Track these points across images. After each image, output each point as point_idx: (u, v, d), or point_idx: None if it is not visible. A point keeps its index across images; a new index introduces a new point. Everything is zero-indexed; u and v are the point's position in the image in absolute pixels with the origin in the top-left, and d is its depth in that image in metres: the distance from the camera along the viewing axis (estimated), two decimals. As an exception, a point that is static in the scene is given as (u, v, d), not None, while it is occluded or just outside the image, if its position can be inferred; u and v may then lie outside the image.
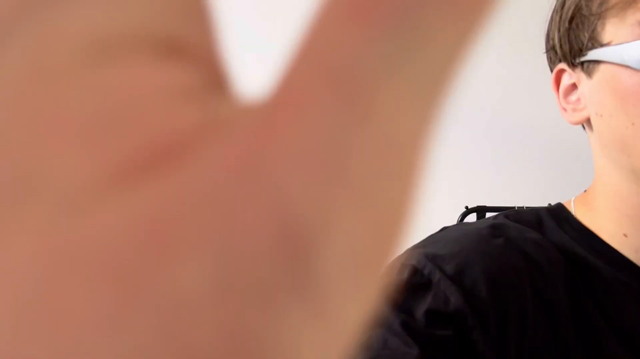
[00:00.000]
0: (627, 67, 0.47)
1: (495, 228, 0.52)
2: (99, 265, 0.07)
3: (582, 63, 0.52)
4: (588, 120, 0.54)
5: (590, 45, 0.50)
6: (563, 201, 0.64)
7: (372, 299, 0.08)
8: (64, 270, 0.07)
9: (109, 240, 0.07)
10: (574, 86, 0.53)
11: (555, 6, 0.56)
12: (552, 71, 0.56)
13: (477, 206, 1.35)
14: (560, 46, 0.54)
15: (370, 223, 0.08)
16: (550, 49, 0.56)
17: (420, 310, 0.45)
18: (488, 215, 1.16)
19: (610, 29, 0.49)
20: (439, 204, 1.06)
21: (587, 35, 0.51)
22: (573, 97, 0.54)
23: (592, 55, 0.50)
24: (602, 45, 0.49)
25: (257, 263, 0.07)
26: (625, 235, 0.52)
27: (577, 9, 0.51)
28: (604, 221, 0.54)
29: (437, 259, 0.47)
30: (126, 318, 0.07)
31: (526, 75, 2.12)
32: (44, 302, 0.07)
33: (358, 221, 0.08)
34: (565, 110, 0.55)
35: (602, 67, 0.50)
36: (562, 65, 0.54)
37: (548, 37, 0.57)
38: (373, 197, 0.08)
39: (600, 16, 0.49)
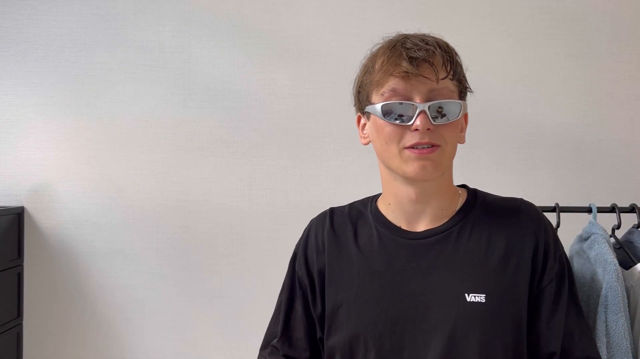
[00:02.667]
0: (377, 116, 0.92)
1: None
2: None
3: (364, 112, 0.98)
4: (371, 143, 0.98)
5: (366, 103, 0.96)
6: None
7: None
8: None
9: None
10: (364, 125, 1.00)
11: (354, 81, 1.00)
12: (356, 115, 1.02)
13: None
14: (355, 103, 1.01)
15: None
16: (354, 104, 1.02)
17: None
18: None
19: (373, 95, 0.94)
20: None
21: (364, 97, 0.96)
22: (365, 131, 1.00)
23: (367, 109, 0.96)
24: (371, 103, 0.94)
25: None
26: (389, 204, 1.00)
27: (361, 83, 0.97)
28: (383, 201, 1.02)
29: None
30: None
31: (529, 75, 2.12)
32: None
33: None
34: (361, 137, 1.01)
35: (372, 115, 0.95)
36: (359, 113, 1.01)
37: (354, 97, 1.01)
38: None
39: (370, 88, 0.94)
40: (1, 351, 1.95)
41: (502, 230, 0.93)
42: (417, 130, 0.88)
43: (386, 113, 0.90)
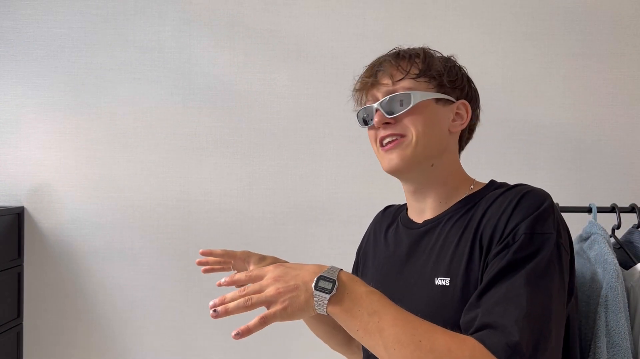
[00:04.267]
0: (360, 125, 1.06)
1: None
2: None
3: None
4: None
5: (356, 111, 1.07)
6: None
7: None
8: None
9: None
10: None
11: None
12: None
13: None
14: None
15: None
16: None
17: None
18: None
19: (356, 104, 1.07)
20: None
21: (355, 105, 1.07)
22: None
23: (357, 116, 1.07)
24: (355, 112, 1.07)
25: None
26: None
27: (353, 92, 1.08)
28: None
29: None
30: None
31: (529, 75, 2.12)
32: None
33: None
34: None
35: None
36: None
37: None
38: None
39: (354, 97, 1.07)
40: (1, 351, 1.95)
41: (483, 214, 0.91)
42: (380, 127, 0.99)
43: (360, 120, 1.04)
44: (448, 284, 0.89)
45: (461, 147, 1.08)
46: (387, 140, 0.98)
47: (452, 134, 1.01)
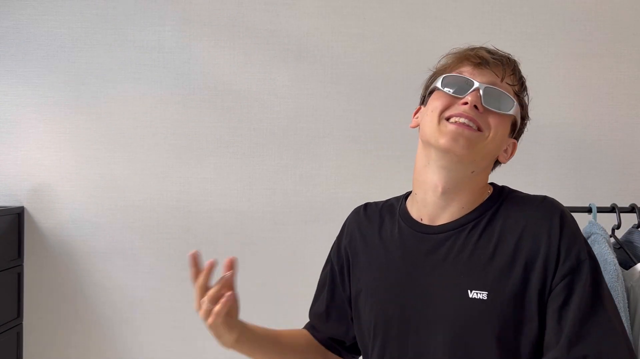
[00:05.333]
0: (436, 86, 0.97)
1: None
2: None
3: (427, 94, 1.01)
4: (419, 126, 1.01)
5: (431, 83, 1.01)
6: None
7: None
8: None
9: None
10: (419, 110, 1.03)
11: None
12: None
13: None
14: (422, 94, 1.04)
15: None
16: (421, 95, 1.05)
17: None
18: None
19: (441, 77, 0.97)
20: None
21: (431, 82, 1.00)
22: (417, 116, 1.02)
23: (431, 86, 1.00)
24: (436, 82, 0.98)
25: None
26: (415, 195, 1.01)
27: (434, 72, 1.02)
28: (412, 194, 1.04)
29: None
30: None
31: (529, 75, 2.11)
32: None
33: None
34: (412, 121, 1.03)
35: (430, 96, 1.00)
36: (420, 105, 1.04)
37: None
38: None
39: (441, 72, 0.99)
40: (1, 351, 1.95)
41: (516, 228, 0.92)
42: (466, 104, 0.91)
43: (445, 83, 0.95)
44: (486, 298, 0.88)
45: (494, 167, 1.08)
46: (463, 120, 0.91)
47: (499, 156, 1.01)
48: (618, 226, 1.39)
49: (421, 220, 0.99)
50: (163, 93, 2.06)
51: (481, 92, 0.92)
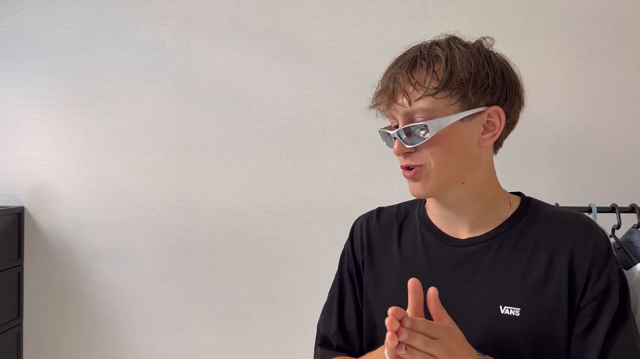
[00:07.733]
0: None
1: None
2: None
3: None
4: None
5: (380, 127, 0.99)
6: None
7: None
8: None
9: None
10: None
11: None
12: None
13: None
14: None
15: None
16: None
17: None
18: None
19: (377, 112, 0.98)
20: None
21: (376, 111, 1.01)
22: None
23: None
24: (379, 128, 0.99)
25: None
26: (430, 207, 1.01)
27: (371, 101, 1.00)
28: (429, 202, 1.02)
29: None
30: None
31: (529, 75, 2.11)
32: None
33: None
34: None
35: None
36: None
37: None
38: None
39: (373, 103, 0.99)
40: (1, 351, 1.95)
41: (548, 244, 0.90)
42: (399, 155, 0.92)
43: (384, 138, 0.97)
44: (519, 314, 0.87)
45: (499, 144, 0.99)
46: (405, 171, 0.91)
47: (483, 147, 0.92)
48: (618, 226, 1.39)
49: (443, 231, 0.97)
50: (163, 93, 2.06)
51: (399, 138, 0.90)
